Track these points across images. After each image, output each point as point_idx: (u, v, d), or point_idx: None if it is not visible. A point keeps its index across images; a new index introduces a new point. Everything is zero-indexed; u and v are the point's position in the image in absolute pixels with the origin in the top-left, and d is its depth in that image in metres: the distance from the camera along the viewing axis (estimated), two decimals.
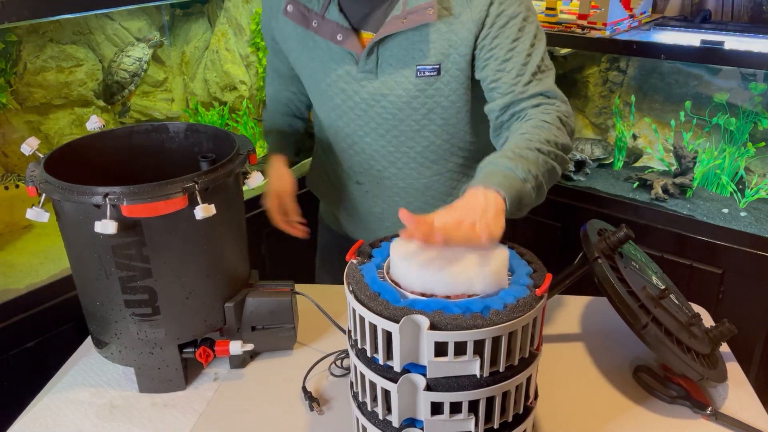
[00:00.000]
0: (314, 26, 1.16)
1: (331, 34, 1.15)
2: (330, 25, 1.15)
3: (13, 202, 1.71)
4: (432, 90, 1.15)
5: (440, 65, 1.13)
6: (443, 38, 1.11)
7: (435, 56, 1.12)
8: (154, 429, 1.00)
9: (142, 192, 0.90)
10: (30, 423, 1.01)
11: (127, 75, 1.93)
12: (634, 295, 0.99)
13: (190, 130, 1.16)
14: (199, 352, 1.06)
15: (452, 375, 0.76)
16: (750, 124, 1.92)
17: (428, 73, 1.14)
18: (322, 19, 1.15)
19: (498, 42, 1.10)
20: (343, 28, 1.14)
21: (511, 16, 1.09)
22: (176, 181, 0.92)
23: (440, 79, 1.14)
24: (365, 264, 0.85)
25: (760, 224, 1.82)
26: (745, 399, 1.03)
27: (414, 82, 1.15)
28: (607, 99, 2.27)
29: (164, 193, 0.91)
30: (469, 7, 1.10)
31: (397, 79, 1.15)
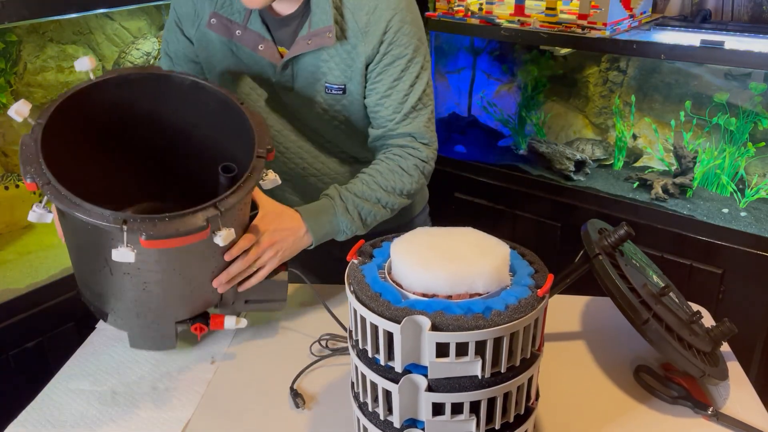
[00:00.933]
0: (237, 35, 1.20)
1: (254, 44, 1.20)
2: (252, 35, 1.19)
3: (13, 202, 1.71)
4: (339, 106, 1.24)
5: (345, 86, 1.22)
6: (344, 62, 1.20)
7: (339, 77, 1.21)
8: (158, 411, 1.02)
9: (163, 226, 0.86)
10: (34, 414, 1.02)
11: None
12: (635, 291, 0.99)
13: (195, 87, 1.07)
14: (194, 327, 1.07)
15: (454, 376, 0.76)
16: (750, 124, 1.93)
17: (335, 92, 1.22)
18: (245, 29, 1.19)
19: (381, 78, 1.19)
20: (264, 38, 1.19)
21: (397, 57, 1.18)
22: (197, 210, 0.89)
23: (346, 97, 1.23)
24: (366, 264, 0.85)
25: (760, 224, 1.82)
26: (746, 399, 1.03)
27: (324, 97, 1.23)
28: (607, 99, 2.27)
29: (186, 229, 0.87)
30: (363, 40, 1.17)
31: (310, 93, 1.23)
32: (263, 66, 1.23)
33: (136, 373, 1.10)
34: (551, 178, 2.14)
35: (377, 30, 1.16)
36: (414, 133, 1.22)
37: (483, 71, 2.51)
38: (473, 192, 2.27)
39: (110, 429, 0.99)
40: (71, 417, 1.01)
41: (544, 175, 2.16)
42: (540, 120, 2.38)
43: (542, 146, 2.21)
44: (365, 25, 1.16)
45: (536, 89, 2.34)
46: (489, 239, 0.84)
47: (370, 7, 1.16)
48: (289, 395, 1.04)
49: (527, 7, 2.08)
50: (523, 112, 2.38)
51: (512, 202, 2.19)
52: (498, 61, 2.45)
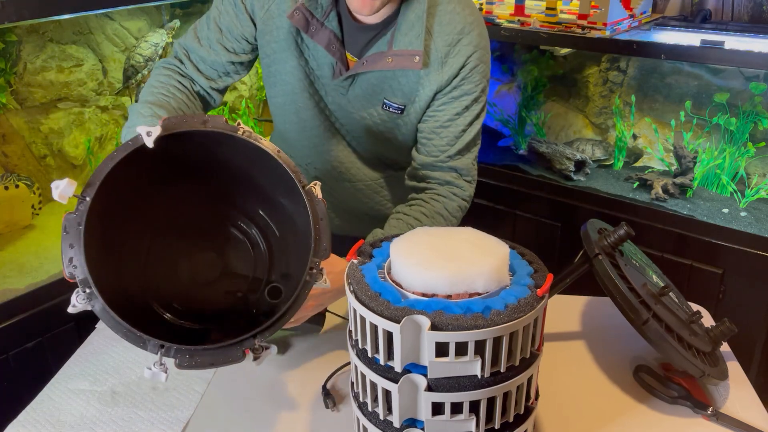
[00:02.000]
0: (312, 30, 1.18)
1: (327, 43, 1.18)
2: (326, 33, 1.18)
3: (13, 202, 1.71)
4: (392, 123, 1.24)
5: (405, 107, 1.21)
6: (413, 85, 1.19)
7: (402, 98, 1.20)
8: (158, 411, 1.02)
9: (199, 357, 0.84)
10: (34, 414, 1.02)
11: (142, 60, 1.93)
12: (635, 291, 0.99)
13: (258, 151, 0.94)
14: None
15: (453, 375, 0.76)
16: (750, 124, 1.92)
17: (393, 110, 1.22)
18: (321, 26, 1.18)
19: (445, 108, 1.20)
20: (337, 38, 1.18)
21: (466, 93, 1.19)
22: (234, 343, 0.86)
23: (402, 117, 1.23)
24: (366, 264, 0.85)
25: (760, 224, 1.82)
26: (745, 399, 1.03)
27: (379, 113, 1.23)
28: (607, 99, 2.27)
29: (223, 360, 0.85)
30: (439, 70, 1.17)
31: (364, 104, 1.22)
32: (324, 65, 1.21)
33: (135, 373, 1.10)
34: (551, 178, 2.14)
35: (456, 63, 1.16)
36: (461, 170, 1.24)
37: None
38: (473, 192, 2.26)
39: (110, 429, 0.99)
40: (71, 417, 1.01)
41: (544, 175, 2.15)
42: (540, 120, 2.38)
43: (542, 146, 2.21)
44: (445, 56, 1.16)
45: (536, 89, 2.34)
46: (488, 239, 0.84)
47: (454, 38, 1.15)
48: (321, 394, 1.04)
49: (527, 7, 2.08)
50: (523, 112, 2.38)
51: (512, 202, 2.19)
52: (498, 61, 2.45)
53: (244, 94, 2.32)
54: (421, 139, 1.24)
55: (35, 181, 1.80)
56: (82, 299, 0.85)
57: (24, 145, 1.83)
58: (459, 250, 0.81)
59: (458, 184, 1.25)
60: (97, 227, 0.91)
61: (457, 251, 0.80)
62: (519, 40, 2.14)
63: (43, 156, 1.87)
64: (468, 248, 0.81)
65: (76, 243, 0.85)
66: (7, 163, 1.78)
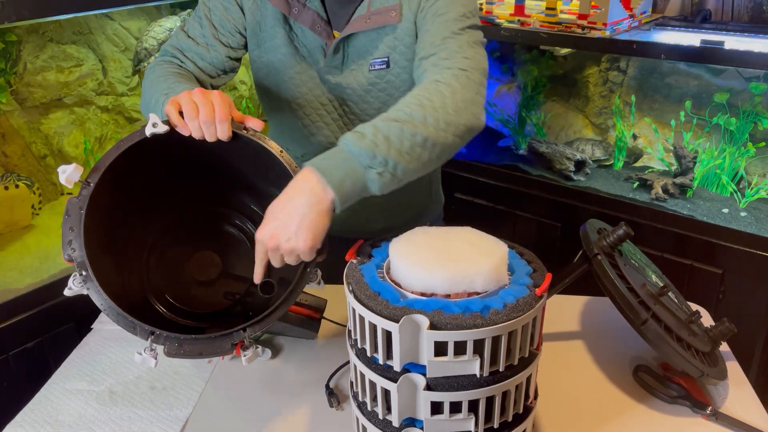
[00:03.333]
0: (295, 12, 1.17)
1: (311, 23, 1.18)
2: (310, 14, 1.17)
3: (13, 202, 1.71)
4: (383, 83, 1.20)
5: (388, 57, 1.18)
6: (391, 35, 1.17)
7: (383, 50, 1.17)
8: (157, 410, 1.02)
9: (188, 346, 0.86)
10: (32, 414, 1.02)
11: (155, 43, 1.93)
12: (634, 291, 0.99)
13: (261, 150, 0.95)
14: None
15: (452, 375, 0.76)
16: (750, 124, 1.92)
17: (378, 66, 1.18)
18: (303, 7, 1.17)
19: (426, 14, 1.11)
20: (321, 18, 1.17)
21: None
22: (225, 335, 0.88)
23: (390, 71, 1.19)
24: (365, 264, 0.85)
25: (760, 224, 1.82)
26: (745, 399, 1.03)
27: (367, 77, 1.20)
28: (607, 99, 2.27)
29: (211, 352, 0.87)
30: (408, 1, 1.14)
31: (355, 74, 1.20)
32: (314, 47, 1.20)
33: (133, 373, 1.10)
34: (551, 178, 2.14)
35: None
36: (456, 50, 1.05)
37: None
38: (473, 192, 2.26)
39: (109, 428, 0.99)
40: (69, 417, 1.01)
41: (544, 175, 2.15)
42: (540, 120, 2.38)
43: (542, 146, 2.21)
44: None
45: (536, 89, 2.34)
46: (487, 239, 0.84)
47: None
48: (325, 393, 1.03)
49: (527, 7, 2.08)
50: (523, 112, 2.38)
51: (512, 202, 2.19)
52: (498, 61, 2.45)
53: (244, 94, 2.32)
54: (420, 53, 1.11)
55: (35, 181, 1.80)
56: (78, 282, 0.87)
57: (24, 145, 1.83)
58: (458, 250, 0.81)
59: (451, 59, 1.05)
60: (103, 221, 0.93)
61: (456, 251, 0.81)
62: (519, 40, 2.14)
63: (43, 156, 1.87)
64: (467, 248, 0.81)
65: (76, 226, 0.87)
66: (7, 163, 1.78)
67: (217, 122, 0.92)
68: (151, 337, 0.86)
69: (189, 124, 0.92)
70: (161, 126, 0.91)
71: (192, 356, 0.86)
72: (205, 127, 0.92)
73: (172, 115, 0.93)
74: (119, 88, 2.03)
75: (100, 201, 0.91)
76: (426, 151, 0.91)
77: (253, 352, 0.89)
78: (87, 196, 0.88)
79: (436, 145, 0.91)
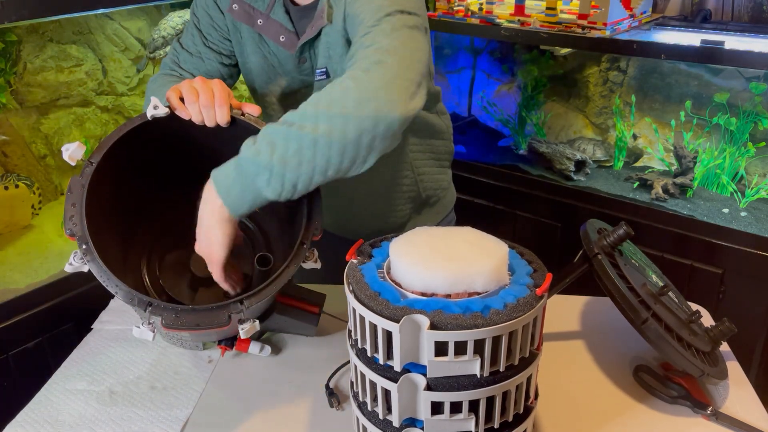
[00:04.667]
0: (259, 24, 1.15)
1: (275, 35, 1.15)
2: (274, 25, 1.14)
3: (13, 202, 1.71)
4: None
5: (326, 68, 1.13)
6: (323, 43, 1.11)
7: (322, 60, 1.13)
8: (157, 410, 1.02)
9: (185, 316, 0.86)
10: (32, 414, 1.02)
11: (173, 32, 1.94)
12: (634, 291, 0.99)
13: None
14: (220, 344, 1.09)
15: (452, 375, 0.75)
16: (750, 124, 1.92)
17: (319, 77, 1.14)
18: (267, 19, 1.15)
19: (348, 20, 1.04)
20: (286, 29, 1.14)
21: None
22: (222, 307, 0.87)
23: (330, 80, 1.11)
24: (365, 263, 0.85)
25: (760, 224, 1.82)
26: (745, 399, 1.03)
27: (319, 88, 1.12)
28: (607, 99, 2.27)
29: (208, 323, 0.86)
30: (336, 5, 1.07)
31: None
32: (285, 58, 1.17)
33: (133, 373, 1.10)
34: (551, 178, 2.14)
35: None
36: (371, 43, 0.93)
37: (483, 71, 2.51)
38: (473, 192, 2.26)
39: (109, 428, 0.99)
40: (70, 417, 1.01)
41: (544, 175, 2.15)
42: (540, 120, 2.38)
43: (542, 146, 2.21)
44: None
45: (536, 89, 2.34)
46: (488, 238, 0.84)
47: None
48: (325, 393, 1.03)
49: (527, 7, 2.08)
50: (523, 112, 2.38)
51: (512, 202, 2.19)
52: (498, 61, 2.45)
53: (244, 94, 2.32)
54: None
55: (35, 181, 1.80)
56: (79, 258, 0.88)
57: (24, 145, 1.83)
58: (458, 250, 0.81)
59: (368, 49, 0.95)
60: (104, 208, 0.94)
61: (456, 251, 0.81)
62: (519, 40, 2.14)
63: (43, 156, 1.87)
64: (467, 248, 0.81)
65: (78, 202, 0.89)
66: (7, 163, 1.78)
67: (216, 106, 0.93)
68: (149, 309, 0.85)
69: (189, 108, 0.93)
70: (162, 108, 0.93)
71: (189, 327, 0.85)
72: (204, 111, 0.93)
73: (173, 98, 0.94)
74: (119, 88, 2.03)
75: (102, 190, 0.92)
76: (318, 152, 0.83)
77: (250, 326, 0.89)
78: (89, 174, 0.90)
79: (331, 144, 0.83)
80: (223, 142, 0.95)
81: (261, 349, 1.11)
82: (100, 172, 0.92)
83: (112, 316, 1.25)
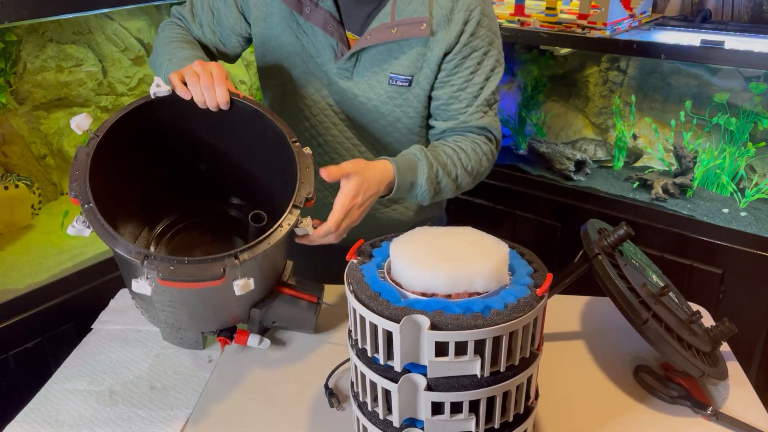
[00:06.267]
0: (306, 12, 1.16)
1: (323, 23, 1.15)
2: (322, 14, 1.15)
3: (13, 202, 1.71)
4: (401, 99, 1.19)
5: (413, 77, 1.17)
6: (419, 52, 1.15)
7: (409, 68, 1.16)
8: (157, 410, 1.02)
9: (181, 269, 0.87)
10: (32, 414, 1.02)
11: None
12: (635, 291, 0.99)
13: (255, 115, 1.05)
14: (219, 338, 1.10)
15: (453, 375, 0.76)
16: (750, 124, 1.92)
17: (400, 83, 1.17)
18: (316, 7, 1.15)
19: (458, 70, 1.16)
20: (333, 19, 1.15)
21: (475, 48, 1.15)
22: (217, 258, 0.89)
23: (411, 90, 1.18)
24: (366, 264, 0.85)
25: (760, 224, 1.82)
26: (745, 399, 1.03)
27: (386, 89, 1.18)
28: (607, 99, 2.27)
29: (202, 276, 0.88)
30: (446, 28, 1.13)
31: (370, 82, 1.18)
32: (324, 49, 1.18)
33: (133, 373, 1.10)
34: (551, 178, 2.14)
35: (459, 18, 1.12)
36: (489, 127, 1.20)
37: None
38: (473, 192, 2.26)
39: (109, 428, 0.99)
40: (69, 417, 1.01)
41: (544, 175, 2.15)
42: (540, 120, 2.38)
43: (542, 146, 2.21)
44: (449, 12, 1.12)
45: (536, 89, 2.34)
46: (488, 239, 0.84)
47: None
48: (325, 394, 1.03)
49: (527, 7, 2.08)
50: (523, 112, 2.38)
51: (512, 202, 2.19)
52: None
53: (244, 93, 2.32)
54: (439, 106, 1.20)
55: (35, 181, 1.80)
56: (81, 222, 0.91)
57: (24, 145, 1.83)
58: (459, 250, 0.81)
59: (488, 136, 1.21)
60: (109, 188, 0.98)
61: (456, 251, 0.81)
62: (519, 40, 2.14)
63: (42, 156, 1.87)
64: (468, 248, 0.81)
65: (82, 168, 0.94)
66: (7, 163, 1.78)
67: (216, 86, 1.01)
68: (146, 261, 0.87)
69: (191, 89, 1.01)
70: (164, 87, 1.00)
71: (185, 277, 0.87)
72: (206, 91, 1.01)
73: (174, 80, 1.01)
74: (119, 88, 2.03)
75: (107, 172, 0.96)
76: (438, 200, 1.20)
77: (245, 282, 0.90)
78: (94, 145, 0.96)
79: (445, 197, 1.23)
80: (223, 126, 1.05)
81: (260, 342, 1.11)
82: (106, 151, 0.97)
83: (112, 316, 1.25)
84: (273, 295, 1.09)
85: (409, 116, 1.21)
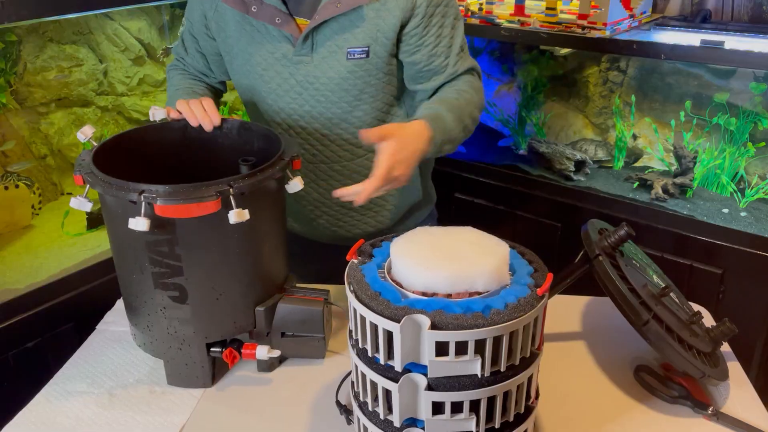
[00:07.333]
0: (253, 11, 1.19)
1: (270, 18, 1.18)
2: (268, 9, 1.18)
3: (13, 202, 1.71)
4: (362, 72, 1.21)
5: (369, 48, 1.20)
6: (371, 23, 1.18)
7: (364, 39, 1.19)
8: (155, 415, 1.02)
9: (176, 193, 0.91)
10: (31, 416, 1.02)
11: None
12: (635, 292, 0.98)
13: (243, 127, 1.17)
14: (226, 353, 1.06)
15: (453, 375, 0.76)
16: (750, 124, 1.92)
17: (358, 56, 1.20)
18: (261, 4, 1.18)
19: (427, 31, 1.20)
20: (280, 12, 1.18)
21: (435, 5, 1.20)
22: (211, 184, 0.93)
23: (369, 61, 1.21)
24: (366, 263, 0.85)
25: (760, 224, 1.82)
26: (746, 399, 1.03)
27: (345, 65, 1.20)
28: (607, 99, 2.27)
29: (197, 195, 0.91)
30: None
31: (330, 62, 1.21)
32: (279, 40, 1.21)
33: (133, 376, 1.10)
34: (551, 178, 2.14)
35: None
36: (472, 67, 1.28)
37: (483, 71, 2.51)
38: (473, 192, 2.26)
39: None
40: (67, 419, 1.01)
41: (544, 175, 2.15)
42: (540, 120, 2.38)
43: (542, 146, 2.21)
44: None
45: (536, 89, 2.34)
46: (488, 238, 0.84)
47: None
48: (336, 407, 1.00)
49: (527, 7, 2.08)
50: (523, 112, 2.38)
51: (512, 202, 2.19)
52: (498, 61, 2.45)
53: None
54: (421, 69, 1.24)
55: (35, 181, 1.80)
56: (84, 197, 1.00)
57: (24, 145, 1.83)
58: (459, 250, 0.81)
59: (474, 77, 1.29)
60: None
61: (457, 251, 0.81)
62: (519, 40, 2.14)
63: (43, 156, 1.87)
64: (468, 248, 0.81)
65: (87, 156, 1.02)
66: (7, 163, 1.78)
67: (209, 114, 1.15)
68: (142, 194, 0.90)
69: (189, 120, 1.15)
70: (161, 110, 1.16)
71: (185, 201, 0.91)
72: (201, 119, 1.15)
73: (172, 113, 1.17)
74: (119, 88, 2.03)
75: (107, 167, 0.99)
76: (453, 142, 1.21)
77: (240, 211, 0.93)
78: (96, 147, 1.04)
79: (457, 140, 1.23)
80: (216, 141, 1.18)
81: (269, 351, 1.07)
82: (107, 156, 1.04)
83: (117, 317, 1.25)
84: (277, 297, 1.09)
85: (372, 85, 1.23)
